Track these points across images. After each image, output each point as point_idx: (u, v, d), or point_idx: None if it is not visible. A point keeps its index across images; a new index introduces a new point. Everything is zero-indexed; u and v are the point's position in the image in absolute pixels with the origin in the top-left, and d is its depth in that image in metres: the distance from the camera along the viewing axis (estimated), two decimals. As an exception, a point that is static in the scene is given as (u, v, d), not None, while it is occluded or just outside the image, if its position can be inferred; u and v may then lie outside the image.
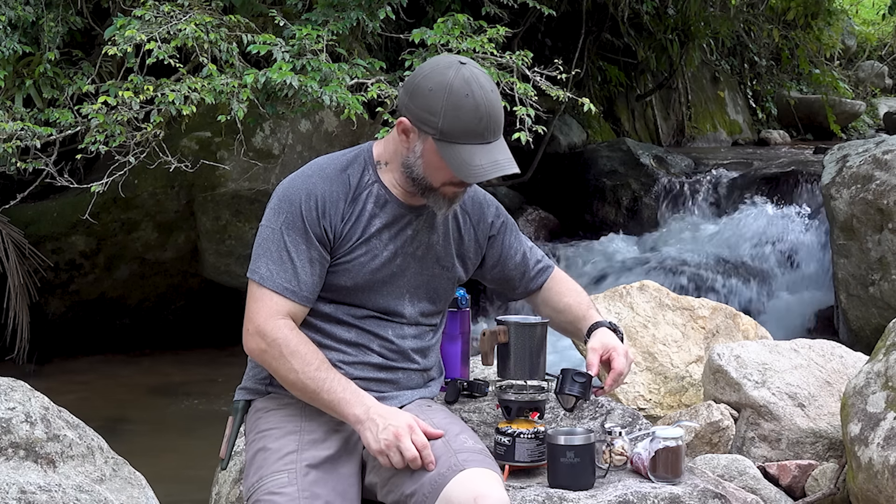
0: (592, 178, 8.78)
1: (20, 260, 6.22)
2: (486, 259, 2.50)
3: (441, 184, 2.25)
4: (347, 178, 2.30)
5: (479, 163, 2.19)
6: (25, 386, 2.70)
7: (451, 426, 2.25)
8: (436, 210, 2.31)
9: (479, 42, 5.44)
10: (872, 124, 13.61)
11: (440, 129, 2.18)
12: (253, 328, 2.25)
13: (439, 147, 2.20)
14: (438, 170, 2.23)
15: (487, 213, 2.48)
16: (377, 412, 2.18)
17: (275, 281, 2.24)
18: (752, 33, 12.36)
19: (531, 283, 2.57)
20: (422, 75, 2.23)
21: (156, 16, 5.24)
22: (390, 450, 2.15)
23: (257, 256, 2.28)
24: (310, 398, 2.24)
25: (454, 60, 2.23)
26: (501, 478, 2.17)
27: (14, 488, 2.44)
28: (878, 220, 5.67)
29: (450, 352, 2.60)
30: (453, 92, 2.18)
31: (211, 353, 6.60)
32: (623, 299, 4.32)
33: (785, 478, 3.26)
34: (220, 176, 6.36)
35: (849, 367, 3.58)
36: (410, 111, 2.22)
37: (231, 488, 2.60)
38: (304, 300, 2.26)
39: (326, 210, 2.26)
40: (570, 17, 9.00)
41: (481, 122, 2.19)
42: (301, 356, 2.22)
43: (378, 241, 2.30)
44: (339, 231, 2.27)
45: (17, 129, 5.23)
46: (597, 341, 2.42)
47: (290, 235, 2.25)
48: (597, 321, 2.49)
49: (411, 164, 2.25)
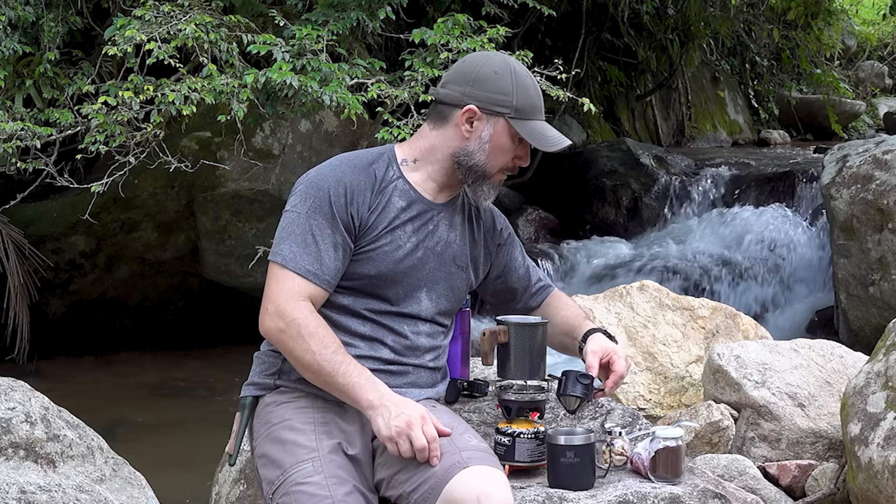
0: (592, 178, 8.78)
1: (20, 260, 6.22)
2: (492, 268, 2.55)
3: (498, 169, 2.36)
4: (374, 171, 2.35)
5: (552, 134, 2.35)
6: (25, 386, 2.71)
7: (456, 426, 2.25)
8: (481, 201, 2.41)
9: (480, 42, 5.43)
10: (872, 124, 13.61)
11: (515, 106, 2.32)
12: (273, 308, 2.25)
13: (515, 124, 2.32)
14: (503, 152, 2.35)
15: (497, 222, 2.56)
16: (391, 399, 2.19)
17: (297, 263, 2.26)
18: (753, 33, 12.36)
19: (532, 299, 2.62)
20: (479, 64, 2.36)
21: (156, 16, 5.23)
22: (400, 437, 2.15)
23: (280, 239, 2.30)
24: (324, 381, 2.24)
25: (495, 52, 2.42)
26: (506, 477, 2.16)
27: (14, 488, 2.44)
28: (878, 220, 5.67)
29: (450, 352, 2.60)
30: (518, 73, 2.34)
31: (211, 353, 6.60)
32: (623, 299, 4.32)
33: (785, 478, 3.26)
34: (220, 176, 6.36)
35: (849, 367, 3.58)
36: (476, 97, 2.32)
37: (231, 488, 2.60)
38: (326, 283, 2.28)
39: (354, 198, 2.30)
40: (570, 17, 9.01)
41: (540, 98, 2.37)
42: (319, 338, 2.22)
43: (402, 232, 2.34)
44: (365, 220, 2.31)
45: (17, 129, 5.23)
46: (595, 345, 2.46)
47: (316, 219, 2.28)
48: (592, 328, 2.53)
49: (472, 152, 2.34)
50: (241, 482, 2.56)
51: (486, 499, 2.06)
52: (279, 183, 6.36)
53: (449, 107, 2.35)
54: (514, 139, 2.34)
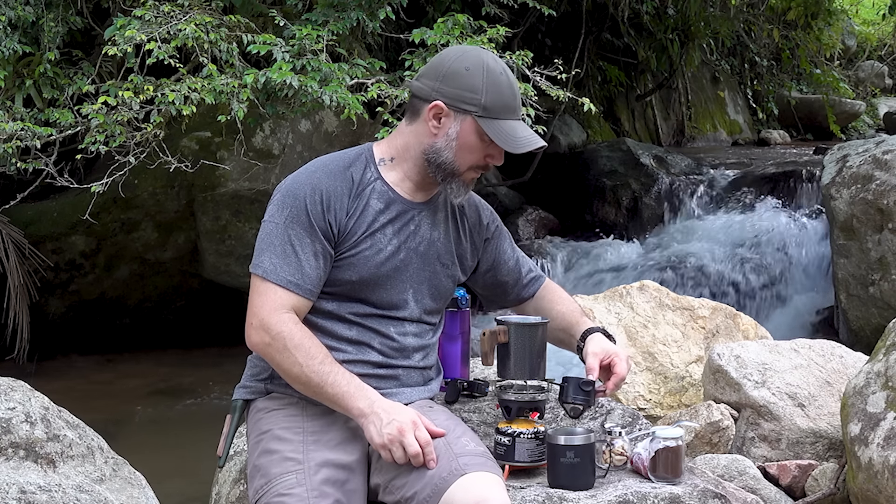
0: (592, 178, 8.78)
1: (20, 260, 6.22)
2: (480, 263, 2.53)
3: (467, 167, 2.31)
4: (351, 175, 2.32)
5: (522, 135, 2.28)
6: (25, 386, 2.70)
7: (453, 428, 2.25)
8: (453, 198, 2.36)
9: (479, 42, 5.43)
10: (872, 124, 13.62)
11: (483, 105, 2.26)
12: (257, 322, 2.25)
13: (483, 123, 2.26)
14: (471, 151, 2.29)
15: (483, 216, 2.52)
16: (381, 406, 2.19)
17: (278, 274, 2.25)
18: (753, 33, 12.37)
19: (523, 290, 2.60)
20: (451, 59, 2.30)
21: (156, 16, 5.24)
22: (393, 444, 2.15)
23: (260, 251, 2.28)
24: (313, 392, 2.23)
25: (474, 46, 2.35)
26: (503, 481, 2.16)
27: (14, 488, 2.44)
28: (878, 220, 5.67)
29: (450, 352, 2.60)
30: (490, 70, 2.27)
31: (211, 352, 6.60)
32: (623, 299, 4.32)
33: (785, 478, 3.26)
34: (220, 176, 6.36)
35: (849, 367, 3.58)
36: (445, 94, 2.27)
37: (231, 488, 2.59)
38: (308, 293, 2.27)
39: (331, 205, 2.28)
40: (570, 17, 9.01)
41: (515, 97, 2.30)
42: (305, 349, 2.22)
43: (382, 235, 2.32)
44: (343, 225, 2.29)
45: (18, 129, 5.23)
46: (596, 346, 2.45)
47: (295, 229, 2.26)
48: (591, 327, 2.51)
49: (440, 149, 2.30)
50: (241, 482, 2.56)
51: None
52: (279, 183, 6.36)
53: (420, 101, 2.32)
54: (483, 138, 2.28)
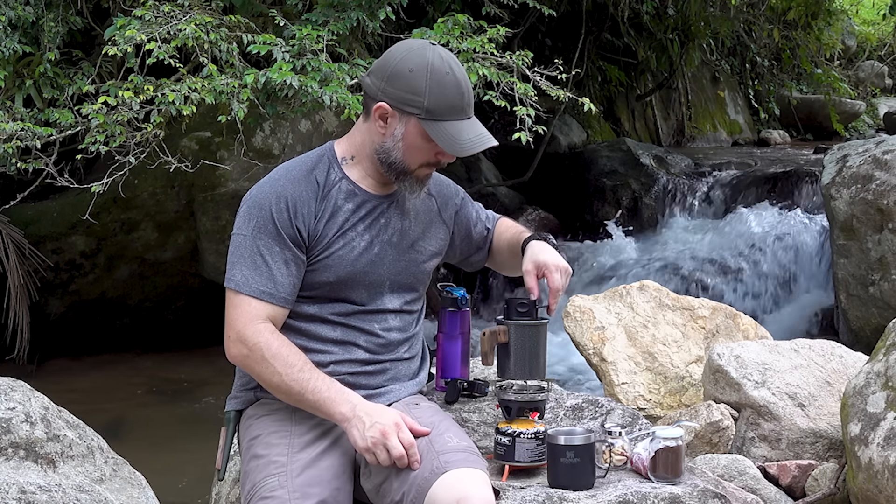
0: (592, 178, 8.78)
1: (20, 260, 6.22)
2: (454, 235, 2.55)
3: (418, 166, 2.30)
4: (315, 178, 2.32)
5: (467, 137, 2.25)
6: (25, 386, 2.70)
7: (437, 424, 2.25)
8: (408, 194, 2.35)
9: (479, 42, 5.43)
10: (872, 124, 13.62)
11: (426, 107, 2.22)
12: (234, 335, 2.26)
13: (426, 126, 2.23)
14: (419, 151, 2.27)
15: (449, 192, 2.53)
16: (363, 409, 2.19)
17: (251, 286, 2.25)
18: (753, 33, 12.37)
19: (486, 242, 2.61)
20: (397, 58, 2.26)
21: (156, 16, 5.23)
22: (377, 448, 2.16)
23: (231, 264, 2.29)
24: (295, 400, 2.25)
25: (424, 42, 2.28)
26: (487, 475, 2.16)
27: (14, 488, 2.44)
28: (878, 220, 5.66)
29: (450, 352, 2.60)
30: (435, 70, 2.22)
31: (211, 353, 6.57)
32: (623, 299, 4.32)
33: (785, 478, 3.26)
34: (220, 176, 6.36)
35: (849, 367, 3.58)
36: (389, 95, 2.25)
37: (231, 488, 2.60)
38: (283, 301, 2.28)
39: (298, 210, 2.28)
40: (570, 17, 9.01)
41: (463, 97, 2.25)
42: (283, 358, 2.22)
43: (354, 232, 2.32)
44: (313, 229, 2.29)
45: (18, 129, 5.22)
46: (528, 261, 2.42)
47: (263, 239, 2.26)
48: (528, 236, 2.50)
49: (388, 149, 2.28)
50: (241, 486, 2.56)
51: (465, 502, 2.06)
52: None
53: (370, 99, 2.31)
54: (428, 139, 2.26)
